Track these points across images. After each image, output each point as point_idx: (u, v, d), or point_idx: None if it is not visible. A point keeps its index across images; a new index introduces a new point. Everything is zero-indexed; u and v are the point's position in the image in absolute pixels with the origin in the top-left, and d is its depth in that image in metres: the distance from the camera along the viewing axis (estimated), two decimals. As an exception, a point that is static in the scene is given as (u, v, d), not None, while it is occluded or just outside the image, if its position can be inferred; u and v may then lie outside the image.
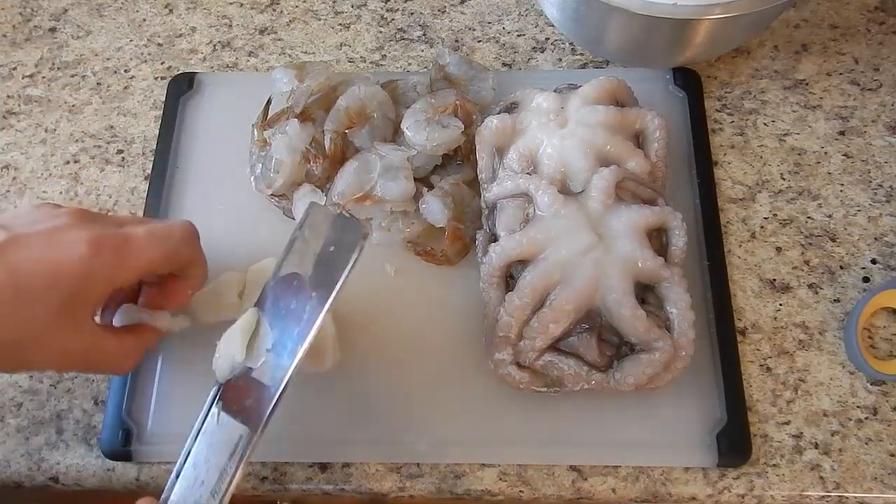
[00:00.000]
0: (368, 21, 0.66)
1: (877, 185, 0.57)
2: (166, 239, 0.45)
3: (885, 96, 0.61)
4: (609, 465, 0.48)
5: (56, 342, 0.41)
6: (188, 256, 0.47)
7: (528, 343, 0.46)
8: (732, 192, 0.57)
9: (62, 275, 0.40)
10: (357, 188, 0.53)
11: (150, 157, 0.60)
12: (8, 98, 0.64)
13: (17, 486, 0.50)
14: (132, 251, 0.43)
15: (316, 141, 0.55)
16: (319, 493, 0.49)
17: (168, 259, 0.45)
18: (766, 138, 0.59)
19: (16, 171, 0.60)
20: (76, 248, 0.41)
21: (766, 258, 0.55)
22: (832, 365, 0.51)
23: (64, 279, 0.40)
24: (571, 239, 0.47)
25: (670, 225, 0.49)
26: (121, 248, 0.42)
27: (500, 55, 0.64)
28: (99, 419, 0.51)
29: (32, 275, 0.40)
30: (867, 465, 0.48)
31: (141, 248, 0.43)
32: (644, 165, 0.51)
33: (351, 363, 0.51)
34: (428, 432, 0.49)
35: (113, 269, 0.42)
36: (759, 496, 0.48)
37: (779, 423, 0.49)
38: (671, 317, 0.47)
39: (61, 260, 0.40)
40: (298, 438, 0.49)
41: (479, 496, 0.49)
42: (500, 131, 0.53)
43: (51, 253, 0.41)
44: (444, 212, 0.52)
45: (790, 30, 0.65)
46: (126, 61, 0.65)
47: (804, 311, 0.53)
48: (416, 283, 0.54)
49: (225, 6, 0.68)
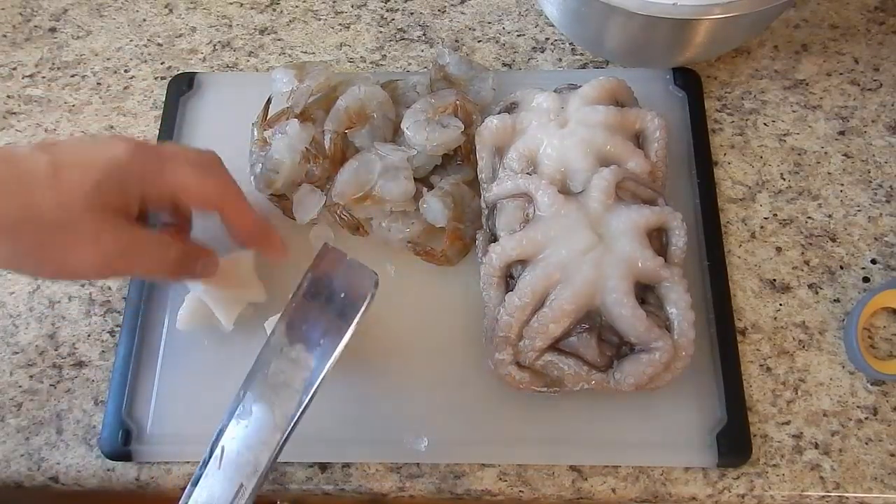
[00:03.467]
0: (368, 21, 0.66)
1: (877, 185, 0.57)
2: (206, 168, 0.47)
3: (885, 96, 0.61)
4: (609, 465, 0.48)
5: (91, 232, 0.43)
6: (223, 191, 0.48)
7: (528, 343, 0.46)
8: (732, 192, 0.57)
9: (97, 165, 0.43)
10: (357, 188, 0.53)
11: (150, 157, 0.60)
12: (8, 98, 0.64)
13: (17, 486, 0.50)
14: (169, 165, 0.45)
15: (316, 141, 0.55)
16: (319, 493, 0.49)
17: (200, 192, 0.46)
18: (766, 138, 0.59)
19: (16, 171, 0.60)
20: (116, 147, 0.44)
21: (766, 258, 0.55)
22: (832, 365, 0.51)
23: (98, 168, 0.43)
24: (571, 239, 0.47)
25: (670, 225, 0.49)
26: (159, 159, 0.45)
27: (500, 55, 0.64)
28: (99, 419, 0.51)
29: (71, 163, 0.42)
30: (867, 465, 0.48)
31: (178, 166, 0.45)
32: (644, 165, 0.51)
33: (351, 363, 0.51)
34: (428, 432, 0.49)
35: (147, 172, 0.44)
36: (759, 496, 0.48)
37: (779, 423, 0.49)
38: (671, 317, 0.47)
39: (99, 154, 0.43)
40: (298, 438, 0.49)
41: (479, 496, 0.49)
42: (500, 131, 0.53)
43: (92, 149, 0.44)
44: (444, 212, 0.52)
45: (790, 30, 0.65)
46: (126, 61, 0.65)
47: (804, 311, 0.53)
48: (416, 283, 0.54)
49: (225, 6, 0.68)
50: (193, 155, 0.47)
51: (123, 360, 0.51)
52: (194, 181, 0.46)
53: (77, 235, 0.42)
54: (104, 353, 0.53)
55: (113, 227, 0.43)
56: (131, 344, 0.52)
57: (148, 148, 0.45)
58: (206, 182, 0.46)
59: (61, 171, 0.42)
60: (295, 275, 0.45)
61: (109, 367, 0.52)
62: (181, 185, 0.45)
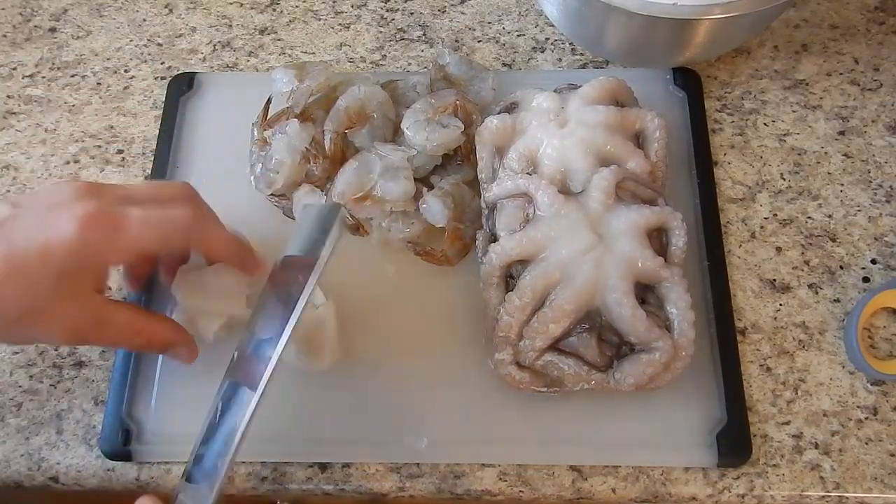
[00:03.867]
0: (368, 21, 0.66)
1: (877, 185, 0.57)
2: (163, 221, 0.45)
3: (885, 96, 0.61)
4: (609, 465, 0.48)
5: (59, 314, 0.42)
6: (189, 241, 0.46)
7: (529, 343, 0.46)
8: (732, 192, 0.57)
9: (53, 251, 0.41)
10: (357, 188, 0.53)
11: (150, 157, 0.60)
12: (8, 98, 0.64)
13: (17, 486, 0.50)
14: (123, 234, 0.43)
15: (316, 141, 0.55)
16: (319, 493, 0.49)
17: (163, 245, 0.45)
18: (766, 138, 0.59)
19: (16, 172, 0.60)
20: (68, 225, 0.41)
21: (766, 258, 0.55)
22: (832, 365, 0.51)
23: (55, 255, 0.41)
24: (571, 239, 0.47)
25: (670, 225, 0.49)
26: (112, 228, 0.43)
27: (500, 55, 0.64)
28: (99, 419, 0.51)
29: (26, 251, 0.41)
30: (867, 465, 0.48)
31: (133, 231, 0.43)
32: (644, 165, 0.51)
33: (351, 363, 0.51)
34: (428, 432, 0.49)
35: (102, 248, 0.42)
36: (759, 496, 0.48)
37: (779, 423, 0.49)
38: (671, 317, 0.47)
39: (52, 237, 0.41)
40: (298, 438, 0.49)
41: (479, 496, 0.49)
42: (500, 131, 0.53)
43: (43, 229, 0.42)
44: (444, 212, 0.52)
45: (790, 30, 0.65)
46: (126, 61, 0.65)
47: (804, 311, 0.53)
48: (416, 283, 0.54)
49: (225, 6, 0.68)
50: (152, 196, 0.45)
51: (123, 360, 0.51)
52: (155, 235, 0.44)
53: (45, 318, 0.42)
54: (104, 353, 0.53)
55: (82, 309, 0.43)
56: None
57: (98, 218, 0.42)
58: (167, 233, 0.45)
59: (19, 264, 0.41)
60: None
61: (109, 367, 0.52)
62: (138, 252, 0.44)
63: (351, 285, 0.53)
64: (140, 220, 0.43)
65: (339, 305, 0.51)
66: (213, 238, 0.47)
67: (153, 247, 0.45)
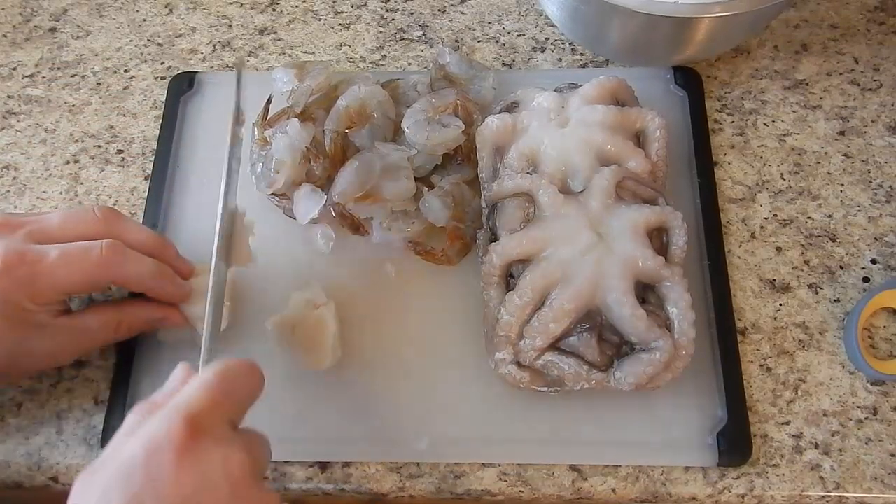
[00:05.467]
0: (368, 21, 0.66)
1: (877, 185, 0.57)
2: (80, 262, 0.43)
3: (885, 96, 0.61)
4: (609, 465, 0.48)
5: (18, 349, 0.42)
6: (109, 278, 0.45)
7: (529, 343, 0.46)
8: (732, 192, 0.57)
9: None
10: (358, 188, 0.53)
11: (151, 157, 0.60)
12: (8, 98, 0.64)
13: (17, 486, 0.50)
14: (41, 275, 0.42)
15: (316, 140, 0.55)
16: (319, 493, 0.49)
17: (85, 283, 0.44)
18: (767, 138, 0.59)
19: (16, 171, 0.60)
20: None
21: (766, 258, 0.55)
22: (832, 365, 0.51)
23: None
24: (572, 238, 0.47)
25: (671, 224, 0.49)
26: (29, 269, 0.42)
27: (500, 55, 0.64)
28: (99, 419, 0.51)
29: None
30: (867, 465, 0.48)
31: (51, 272, 0.42)
32: (644, 165, 0.51)
33: (351, 363, 0.51)
34: (428, 432, 0.49)
35: (23, 288, 0.42)
36: (759, 496, 0.48)
37: (779, 423, 0.49)
38: (671, 316, 0.47)
39: None
40: (298, 438, 0.49)
41: (479, 496, 0.49)
42: (501, 131, 0.53)
43: None
44: (445, 211, 0.52)
45: (790, 30, 0.65)
46: (126, 61, 0.65)
47: (804, 311, 0.53)
48: (416, 283, 0.53)
49: (225, 6, 0.68)
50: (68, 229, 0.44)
51: (123, 360, 0.51)
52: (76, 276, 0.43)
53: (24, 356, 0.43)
54: (104, 353, 0.53)
55: (41, 337, 0.43)
56: (131, 343, 0.52)
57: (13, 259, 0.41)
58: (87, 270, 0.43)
59: None
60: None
61: (109, 367, 0.52)
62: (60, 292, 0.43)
63: (351, 285, 0.53)
64: (56, 259, 0.42)
65: (339, 305, 0.51)
66: (132, 273, 0.45)
67: (75, 289, 0.44)
